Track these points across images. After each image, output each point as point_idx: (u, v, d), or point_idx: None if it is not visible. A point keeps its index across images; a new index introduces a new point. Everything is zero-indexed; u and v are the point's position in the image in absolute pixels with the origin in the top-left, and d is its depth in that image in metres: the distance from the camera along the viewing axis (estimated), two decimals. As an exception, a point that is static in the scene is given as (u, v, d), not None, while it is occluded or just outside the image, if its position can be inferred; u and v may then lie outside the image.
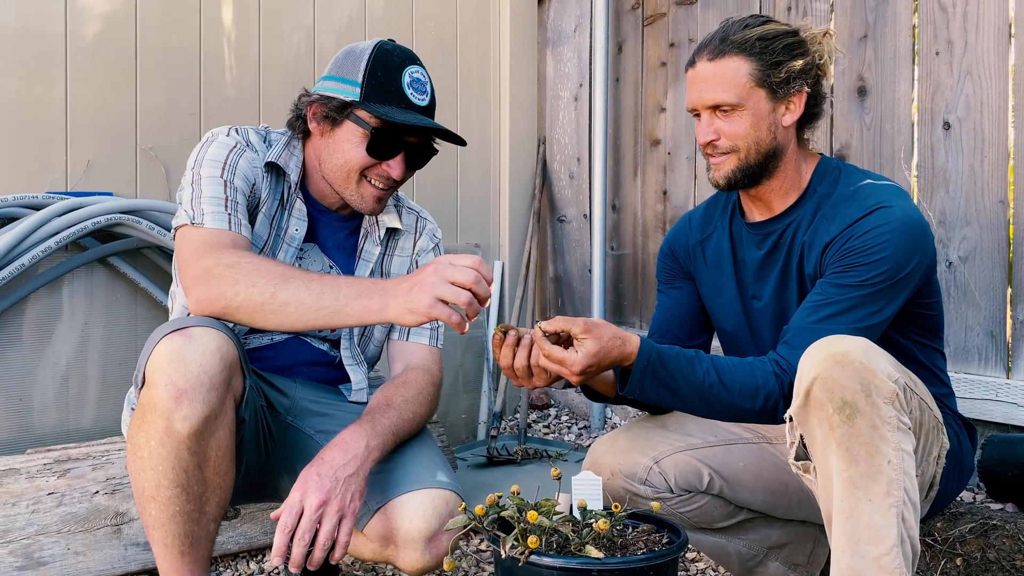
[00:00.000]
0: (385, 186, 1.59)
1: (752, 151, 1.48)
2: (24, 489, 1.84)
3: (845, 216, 1.44)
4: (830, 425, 1.22)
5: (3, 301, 2.10)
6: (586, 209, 3.29)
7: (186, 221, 1.46)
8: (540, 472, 2.67)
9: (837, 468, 1.22)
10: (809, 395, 1.23)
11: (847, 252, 1.41)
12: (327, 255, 1.68)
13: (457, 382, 3.15)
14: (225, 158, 1.52)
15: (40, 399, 2.23)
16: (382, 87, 1.55)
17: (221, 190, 1.48)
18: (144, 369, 1.31)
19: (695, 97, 1.50)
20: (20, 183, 2.23)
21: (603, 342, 1.34)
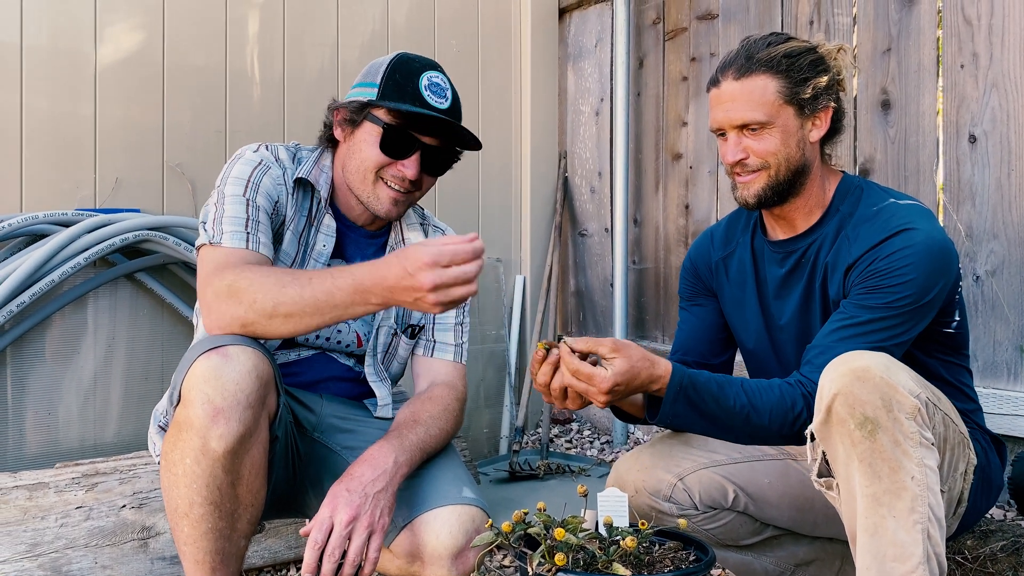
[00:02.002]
0: (401, 187, 1.58)
1: (782, 168, 1.47)
2: (53, 503, 1.85)
3: (868, 237, 1.43)
4: (851, 441, 1.21)
5: (33, 316, 2.13)
6: (607, 223, 3.29)
7: (205, 241, 1.48)
8: (563, 487, 2.66)
9: (860, 484, 1.20)
10: (830, 411, 1.22)
11: (871, 274, 1.40)
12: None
13: (479, 396, 3.15)
14: (249, 176, 1.53)
15: (66, 413, 2.26)
16: (398, 87, 1.56)
17: (243, 209, 1.49)
18: (180, 387, 1.31)
19: (722, 117, 1.48)
20: (51, 200, 2.27)
21: (632, 362, 1.33)
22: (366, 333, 1.69)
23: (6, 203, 2.21)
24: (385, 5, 2.98)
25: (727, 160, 1.50)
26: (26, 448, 2.16)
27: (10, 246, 2.14)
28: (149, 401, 2.38)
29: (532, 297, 3.34)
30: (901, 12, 2.39)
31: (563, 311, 3.48)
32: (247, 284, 1.35)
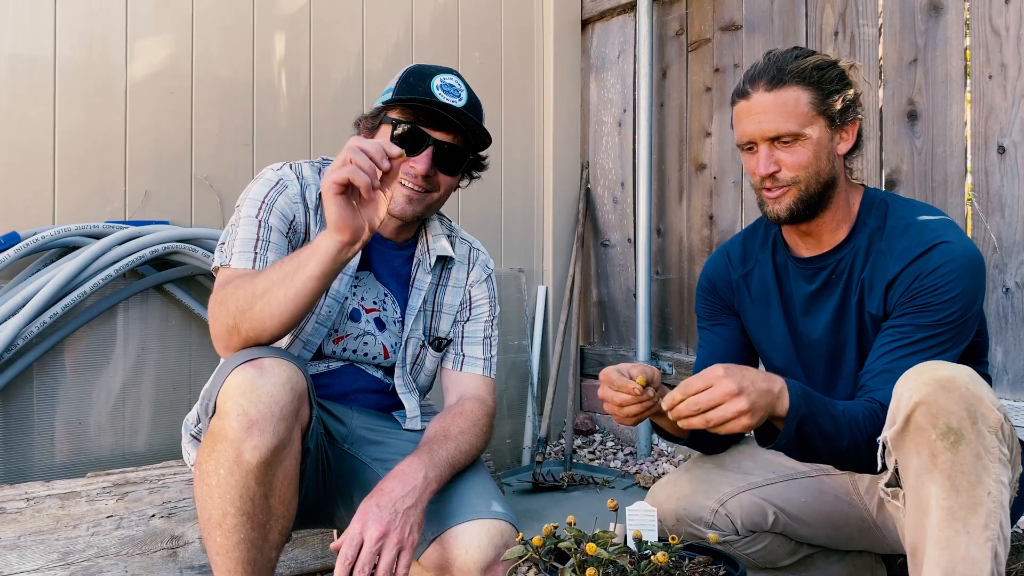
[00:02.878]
0: (414, 185, 1.58)
1: (813, 182, 1.47)
2: (84, 512, 1.88)
3: (904, 252, 1.42)
4: (931, 452, 1.18)
5: (65, 327, 2.16)
6: (630, 234, 3.29)
7: (218, 263, 1.52)
8: (587, 499, 2.66)
9: (936, 496, 1.18)
10: (910, 420, 1.20)
11: (917, 292, 1.39)
12: (382, 282, 1.70)
13: (501, 407, 3.16)
14: (264, 196, 1.55)
15: (97, 423, 2.29)
16: (411, 88, 1.59)
17: (254, 231, 1.51)
18: (216, 398, 1.33)
19: (753, 129, 1.47)
20: (82, 213, 2.30)
21: (741, 368, 1.28)
22: (392, 344, 1.69)
23: (39, 215, 2.24)
24: (409, 16, 3.01)
25: (759, 172, 1.48)
26: (58, 457, 2.19)
27: (43, 258, 2.18)
28: (178, 411, 2.40)
29: (554, 307, 3.34)
30: (928, 22, 2.38)
31: (585, 321, 3.47)
32: (232, 290, 1.39)
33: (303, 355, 1.61)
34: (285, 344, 1.59)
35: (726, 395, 1.23)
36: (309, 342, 1.62)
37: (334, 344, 1.65)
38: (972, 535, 1.17)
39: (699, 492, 1.54)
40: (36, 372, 2.16)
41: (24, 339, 2.03)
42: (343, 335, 1.65)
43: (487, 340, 1.78)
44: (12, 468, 2.11)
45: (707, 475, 1.57)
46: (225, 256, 1.50)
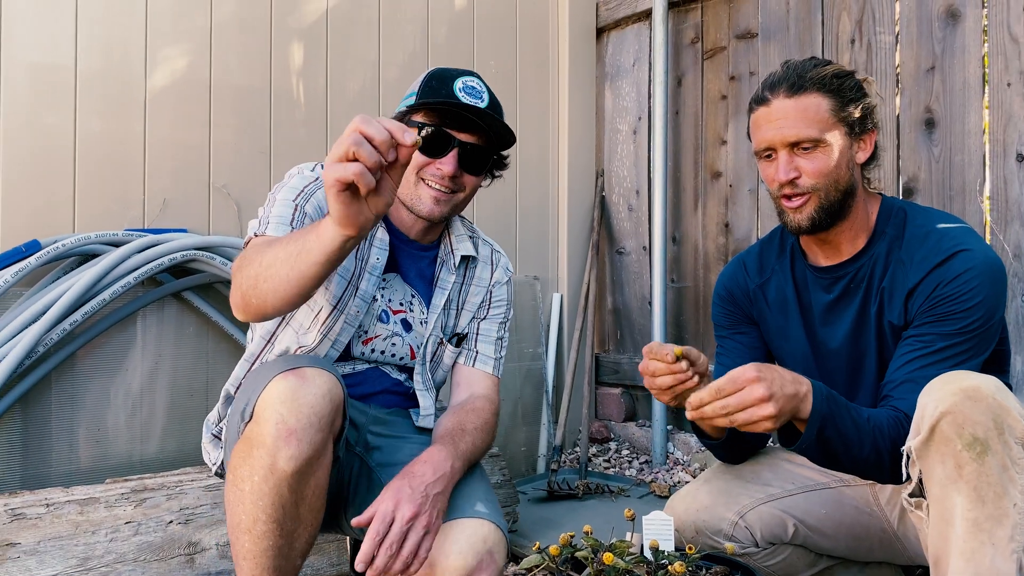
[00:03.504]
0: (440, 186, 1.61)
1: (832, 190, 1.46)
2: (103, 518, 1.89)
3: (924, 260, 1.42)
4: (957, 463, 1.17)
5: (85, 334, 2.18)
6: (646, 241, 3.28)
7: (250, 234, 1.52)
8: (602, 508, 2.65)
9: (961, 507, 1.17)
10: (935, 430, 1.19)
11: (939, 300, 1.39)
12: (408, 283, 1.72)
13: (516, 414, 3.16)
14: (303, 188, 1.58)
15: (115, 429, 2.30)
16: (434, 91, 1.61)
17: (290, 212, 1.53)
18: (255, 404, 1.33)
19: (773, 135, 1.47)
20: (101, 221, 2.32)
21: (772, 369, 1.27)
22: (418, 345, 1.72)
23: (60, 224, 2.26)
24: (425, 25, 3.02)
25: (778, 179, 1.47)
26: (77, 463, 2.20)
27: (63, 265, 2.20)
28: (194, 417, 2.42)
29: (569, 315, 3.34)
30: (945, 30, 2.37)
31: (600, 329, 3.47)
32: (250, 254, 1.38)
33: (331, 354, 1.63)
34: (313, 341, 1.60)
35: (755, 400, 1.23)
36: (337, 341, 1.63)
37: (363, 345, 1.67)
38: (998, 547, 1.15)
39: (718, 504, 1.53)
40: (55, 379, 2.18)
41: (44, 346, 2.05)
42: (372, 336, 1.68)
43: (499, 341, 1.81)
44: (32, 474, 2.13)
45: (726, 486, 1.56)
46: (260, 226, 1.51)
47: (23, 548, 1.80)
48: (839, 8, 2.64)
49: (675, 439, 3.12)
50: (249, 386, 1.38)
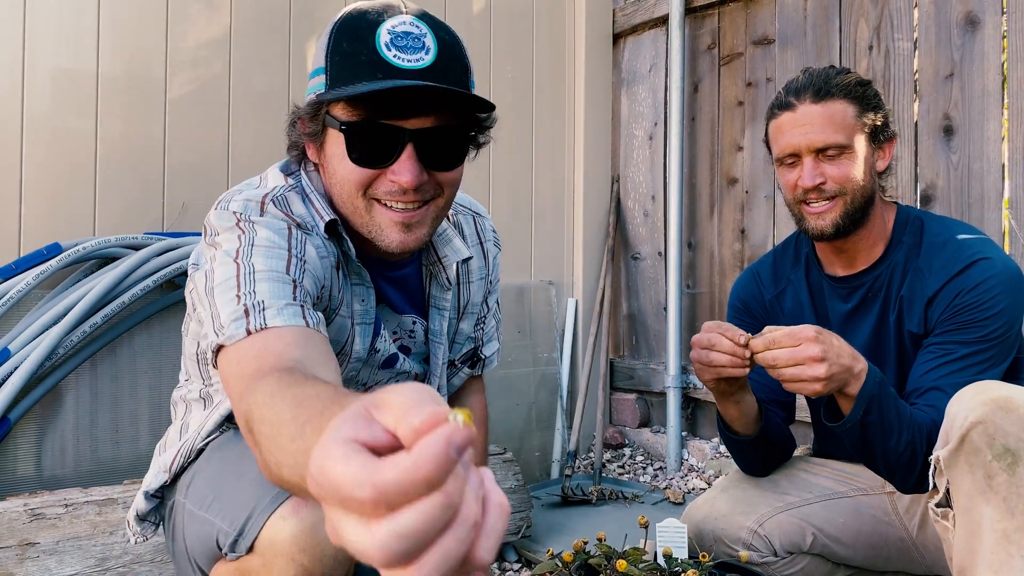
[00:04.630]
0: (403, 204, 1.14)
1: (857, 196, 1.47)
2: (121, 519, 1.91)
3: (943, 269, 1.42)
4: (987, 473, 1.16)
5: (105, 337, 2.21)
6: (661, 247, 3.28)
7: (228, 339, 1.07)
8: (616, 514, 2.65)
9: (990, 519, 1.16)
10: (965, 440, 1.18)
11: (960, 309, 1.38)
12: (401, 312, 1.37)
13: (531, 419, 3.16)
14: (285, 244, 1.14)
15: (133, 431, 2.32)
16: (348, 60, 1.09)
17: (290, 291, 1.10)
18: (255, 537, 1.04)
19: (799, 140, 1.46)
20: (122, 224, 2.35)
21: (831, 335, 1.29)
22: (422, 371, 1.44)
23: (81, 227, 2.29)
24: (442, 32, 3.04)
25: (804, 184, 1.46)
26: (96, 464, 2.23)
27: (83, 268, 2.22)
28: (211, 420, 2.43)
29: (584, 320, 3.34)
30: (964, 37, 2.36)
31: (615, 335, 3.47)
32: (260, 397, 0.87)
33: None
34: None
35: (807, 358, 1.24)
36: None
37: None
38: None
39: (736, 512, 1.52)
40: (75, 380, 2.20)
41: (65, 348, 2.07)
42: (372, 384, 1.37)
43: (498, 325, 1.57)
44: (51, 475, 2.15)
45: (744, 494, 1.56)
46: (252, 321, 0.99)
47: (42, 548, 1.82)
48: (857, 14, 2.63)
49: (690, 445, 3.11)
50: (230, 498, 1.09)
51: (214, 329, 1.02)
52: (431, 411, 0.47)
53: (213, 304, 1.04)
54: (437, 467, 0.45)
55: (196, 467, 1.28)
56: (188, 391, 1.38)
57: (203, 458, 1.28)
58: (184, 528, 1.24)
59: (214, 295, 1.05)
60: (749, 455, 1.60)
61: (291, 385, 0.79)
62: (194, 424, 1.33)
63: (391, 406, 0.49)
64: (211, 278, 1.07)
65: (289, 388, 0.78)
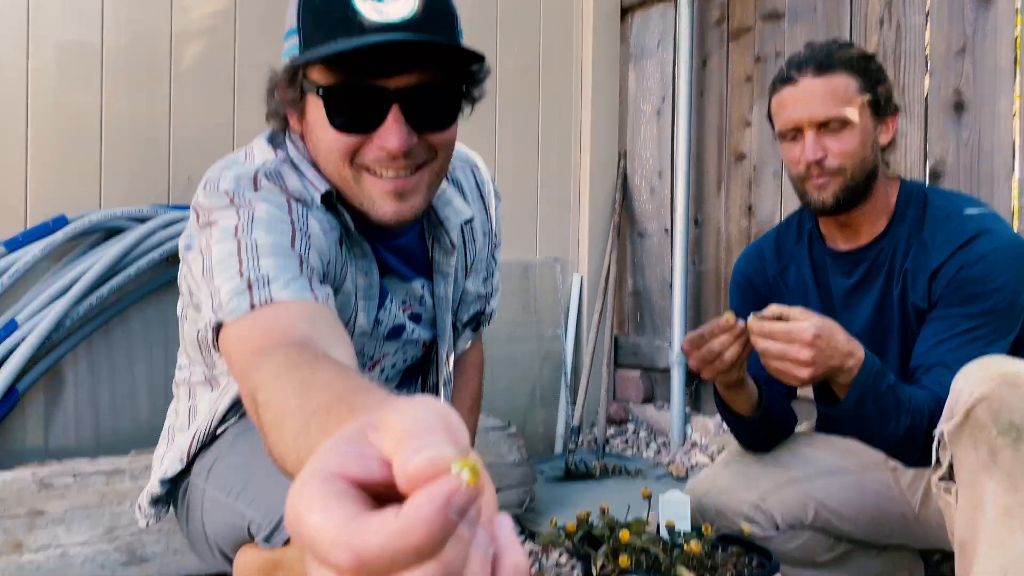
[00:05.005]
0: (394, 171, 1.07)
1: (858, 170, 1.46)
2: (128, 489, 1.93)
3: (947, 242, 1.42)
4: (991, 449, 1.16)
5: (111, 309, 2.21)
6: (667, 223, 3.27)
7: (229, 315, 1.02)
8: (619, 488, 2.66)
9: (993, 494, 1.16)
10: (970, 415, 1.17)
11: (963, 282, 1.38)
12: (407, 280, 1.30)
13: (535, 395, 3.17)
14: (287, 216, 1.10)
15: (141, 403, 2.34)
16: (320, 17, 1.04)
17: (296, 265, 1.05)
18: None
19: (801, 114, 1.45)
20: (127, 197, 2.35)
21: (828, 321, 1.30)
22: (430, 338, 1.38)
23: (86, 200, 2.29)
24: (449, 5, 3.01)
25: (806, 159, 1.46)
26: (102, 435, 2.24)
27: (89, 241, 2.23)
28: (217, 392, 2.45)
29: (589, 297, 3.34)
30: (977, 11, 2.33)
31: (620, 311, 3.47)
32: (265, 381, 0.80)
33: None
34: None
35: (795, 360, 1.26)
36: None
37: (368, 371, 1.30)
38: None
39: (739, 487, 1.53)
40: (82, 352, 2.21)
41: (72, 320, 2.08)
42: (380, 358, 1.31)
43: (498, 283, 1.50)
44: (58, 445, 2.17)
45: (747, 469, 1.56)
46: (256, 295, 0.94)
47: (51, 517, 1.84)
48: (868, -12, 2.60)
49: (693, 422, 3.12)
50: (263, 490, 1.07)
51: (212, 307, 0.96)
52: (430, 457, 0.38)
53: (212, 283, 0.98)
54: (430, 534, 0.36)
55: (216, 452, 1.25)
56: (191, 374, 1.35)
57: (224, 443, 1.25)
58: (204, 512, 1.23)
59: (213, 274, 0.98)
60: (750, 433, 1.60)
61: (299, 365, 0.73)
62: (203, 408, 1.31)
63: (390, 429, 0.40)
64: (209, 257, 1.01)
65: (297, 369, 0.73)
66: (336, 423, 0.57)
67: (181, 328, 1.33)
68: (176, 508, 1.37)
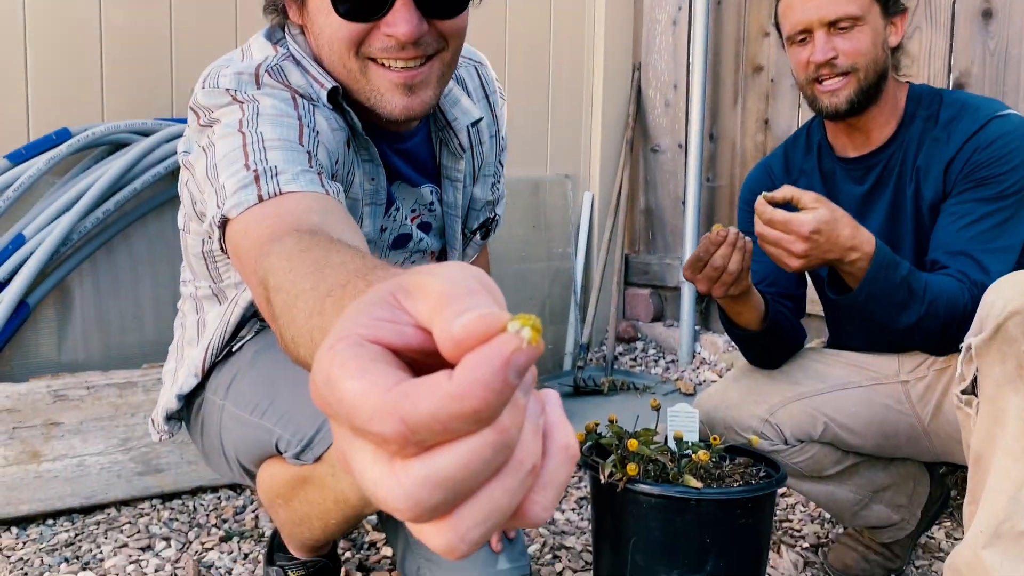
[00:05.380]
0: (403, 61, 1.02)
1: (870, 71, 1.43)
2: (141, 401, 1.95)
3: (961, 132, 1.40)
4: (1019, 363, 1.14)
5: (118, 224, 2.20)
6: (681, 139, 3.20)
7: (235, 209, 0.99)
8: (627, 403, 2.68)
9: (1017, 408, 1.14)
10: (1000, 328, 1.15)
11: (976, 166, 1.37)
12: (416, 185, 1.27)
13: (544, 314, 3.17)
14: (293, 111, 1.06)
15: (149, 317, 2.34)
16: None
17: (304, 160, 1.02)
18: (323, 448, 1.05)
19: (811, 14, 1.42)
20: (130, 111, 2.31)
21: (837, 214, 1.29)
22: (439, 247, 1.38)
23: (89, 113, 2.25)
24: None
25: (816, 59, 1.43)
26: (113, 350, 2.26)
27: (94, 155, 2.20)
28: (227, 308, 2.45)
29: (600, 215, 3.30)
30: (1012, -90, 2.22)
31: (631, 230, 3.43)
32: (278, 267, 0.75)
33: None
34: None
35: (789, 251, 1.26)
36: None
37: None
38: None
39: (748, 401, 1.53)
40: (90, 267, 2.21)
41: (79, 234, 2.07)
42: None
43: (504, 190, 1.46)
44: (70, 359, 2.19)
45: (756, 385, 1.56)
46: (266, 186, 0.90)
47: (67, 427, 1.86)
48: None
49: (702, 339, 3.12)
50: (291, 408, 1.09)
51: (217, 203, 0.91)
52: (481, 316, 0.33)
53: (216, 181, 0.93)
54: (489, 397, 0.32)
55: (235, 369, 1.24)
56: (197, 289, 1.32)
57: (243, 360, 1.24)
58: (222, 428, 1.23)
59: (218, 171, 0.94)
60: (756, 348, 1.59)
61: (311, 247, 0.68)
62: (212, 322, 1.28)
63: (426, 293, 0.35)
64: (213, 155, 0.96)
65: (309, 251, 0.67)
66: (352, 300, 0.49)
67: (183, 241, 1.31)
68: (188, 424, 1.38)
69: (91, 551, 1.70)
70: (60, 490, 1.82)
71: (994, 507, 1.16)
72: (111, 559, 1.67)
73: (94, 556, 1.68)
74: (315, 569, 1.38)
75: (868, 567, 1.64)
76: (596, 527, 1.31)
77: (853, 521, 1.63)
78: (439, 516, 0.33)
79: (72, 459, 1.85)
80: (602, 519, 1.29)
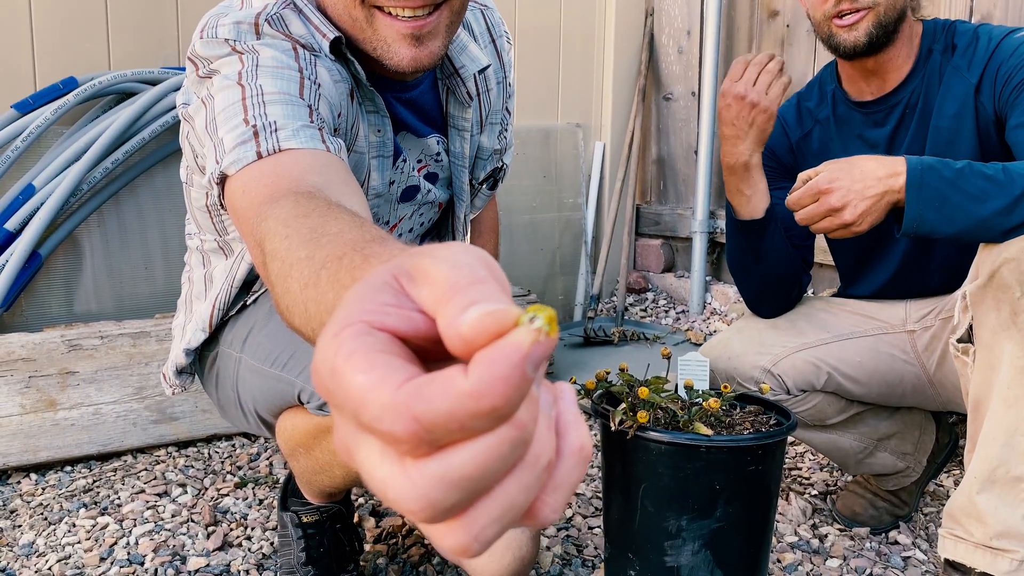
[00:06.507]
0: (411, 10, 0.98)
1: (890, 6, 1.41)
2: (155, 351, 1.96)
3: (981, 55, 1.40)
4: (1013, 310, 1.14)
5: (128, 174, 2.19)
6: (695, 86, 3.15)
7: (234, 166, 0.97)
8: (637, 353, 2.69)
9: (1011, 354, 1.15)
10: (994, 276, 1.16)
11: (1007, 77, 1.35)
12: (422, 136, 1.24)
13: (555, 264, 3.16)
14: (297, 65, 1.02)
15: (159, 268, 2.35)
16: None
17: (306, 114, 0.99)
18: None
19: None
20: (137, 59, 2.29)
21: (850, 159, 1.30)
22: (446, 198, 1.36)
23: (95, 62, 2.23)
24: None
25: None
26: (125, 301, 2.27)
27: (101, 104, 2.18)
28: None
29: (611, 164, 3.27)
30: None
31: (643, 180, 3.40)
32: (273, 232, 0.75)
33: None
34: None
35: (828, 210, 1.26)
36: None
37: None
38: None
39: (750, 352, 1.52)
40: (101, 217, 2.21)
41: (88, 184, 2.06)
42: (395, 223, 1.29)
43: (512, 138, 1.44)
44: (82, 310, 2.20)
45: (759, 336, 1.55)
46: (265, 143, 0.87)
47: (82, 376, 1.89)
48: None
49: (713, 290, 3.11)
50: (308, 358, 1.05)
51: (216, 158, 0.90)
52: (488, 313, 0.31)
53: (215, 135, 0.91)
54: (510, 394, 0.30)
55: (251, 322, 1.24)
56: (203, 242, 1.32)
57: (259, 313, 1.23)
58: (239, 380, 1.23)
59: (216, 125, 0.91)
60: (750, 254, 1.52)
61: (309, 213, 0.67)
62: (219, 276, 1.28)
63: (429, 279, 0.34)
64: (212, 108, 0.93)
65: (306, 217, 0.66)
66: (349, 274, 0.52)
67: (187, 194, 1.30)
68: (202, 376, 1.39)
69: (109, 497, 1.74)
70: (77, 438, 1.85)
71: (988, 453, 1.17)
72: (128, 504, 1.70)
73: (112, 502, 1.72)
74: (329, 514, 1.39)
75: (876, 513, 1.65)
76: (606, 474, 1.32)
77: (857, 469, 1.64)
78: (453, 516, 0.32)
79: (88, 407, 1.87)
80: (612, 466, 1.30)
